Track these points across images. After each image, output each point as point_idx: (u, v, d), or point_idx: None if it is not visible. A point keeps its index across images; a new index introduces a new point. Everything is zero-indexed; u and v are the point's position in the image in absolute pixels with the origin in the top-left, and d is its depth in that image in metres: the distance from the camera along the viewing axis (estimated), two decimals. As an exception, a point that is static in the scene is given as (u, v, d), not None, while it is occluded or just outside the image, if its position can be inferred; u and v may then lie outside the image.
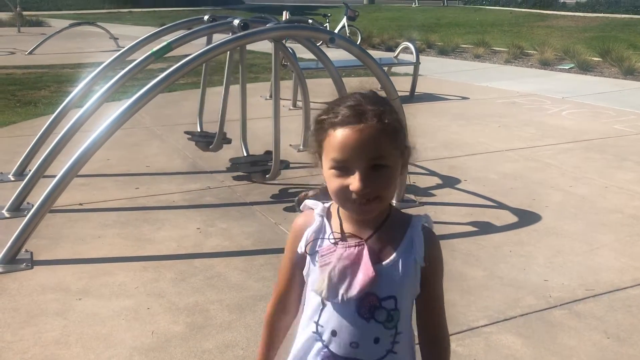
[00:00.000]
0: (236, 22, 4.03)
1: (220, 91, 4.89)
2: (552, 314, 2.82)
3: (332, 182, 1.22)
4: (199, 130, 5.27)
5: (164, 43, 3.99)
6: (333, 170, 1.21)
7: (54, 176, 3.26)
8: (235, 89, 4.82)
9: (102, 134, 3.26)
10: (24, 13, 21.32)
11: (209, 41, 4.65)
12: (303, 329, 1.33)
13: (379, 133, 1.18)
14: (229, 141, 4.98)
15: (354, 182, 1.18)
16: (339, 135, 1.19)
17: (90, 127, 4.07)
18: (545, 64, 11.75)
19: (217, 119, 4.75)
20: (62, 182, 3.22)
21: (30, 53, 12.60)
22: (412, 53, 8.43)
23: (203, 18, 4.67)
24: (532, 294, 2.99)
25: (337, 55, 6.21)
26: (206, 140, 4.91)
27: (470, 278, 3.14)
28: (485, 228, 3.78)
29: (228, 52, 4.61)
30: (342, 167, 1.19)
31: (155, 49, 3.97)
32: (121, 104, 3.36)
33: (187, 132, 5.19)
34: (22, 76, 9.70)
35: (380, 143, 1.18)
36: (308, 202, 1.35)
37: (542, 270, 3.24)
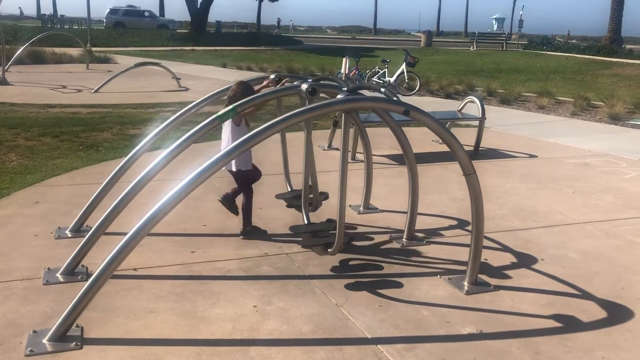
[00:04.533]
0: (304, 87, 3.87)
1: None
2: None
3: None
4: (289, 189, 5.06)
5: (230, 107, 3.88)
6: None
7: (114, 234, 3.08)
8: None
9: (171, 198, 3.07)
10: (93, 49, 22.28)
11: (278, 101, 4.55)
12: None
13: None
14: (326, 196, 4.75)
15: None
16: None
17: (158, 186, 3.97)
18: (615, 119, 11.19)
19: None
20: (126, 249, 3.00)
21: (96, 91, 12.98)
22: (475, 103, 8.10)
23: (270, 77, 4.57)
24: (634, 419, 2.59)
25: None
26: (300, 203, 4.59)
27: (559, 392, 2.76)
28: (570, 324, 3.38)
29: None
30: None
31: (220, 112, 3.85)
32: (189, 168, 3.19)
33: (278, 196, 4.98)
34: (87, 116, 9.92)
35: None
36: None
37: (643, 386, 2.83)
